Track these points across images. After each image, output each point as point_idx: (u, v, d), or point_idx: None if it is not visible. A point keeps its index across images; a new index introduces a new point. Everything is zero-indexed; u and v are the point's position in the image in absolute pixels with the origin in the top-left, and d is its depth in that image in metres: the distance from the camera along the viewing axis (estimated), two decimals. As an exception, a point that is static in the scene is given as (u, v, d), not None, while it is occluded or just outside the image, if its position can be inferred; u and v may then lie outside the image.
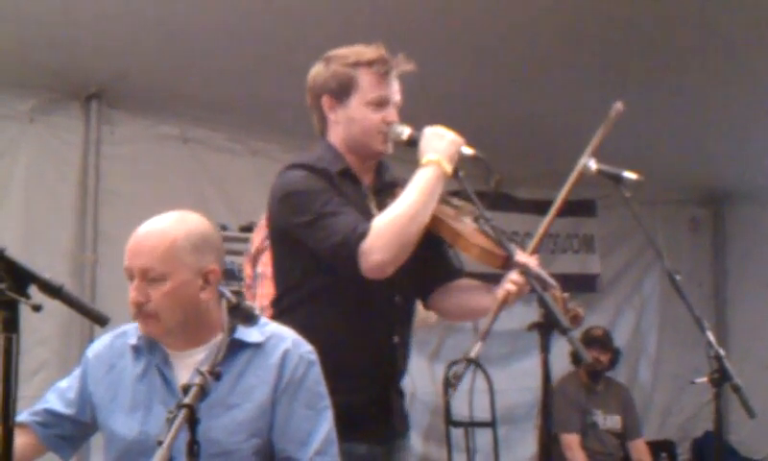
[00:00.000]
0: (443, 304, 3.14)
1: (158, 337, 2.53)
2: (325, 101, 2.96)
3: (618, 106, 3.12)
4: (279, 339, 2.52)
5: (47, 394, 2.72)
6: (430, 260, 3.00)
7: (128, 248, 2.48)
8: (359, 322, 2.88)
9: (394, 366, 3.03)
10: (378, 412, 2.93)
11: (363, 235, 2.72)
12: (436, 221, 2.84)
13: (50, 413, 2.66)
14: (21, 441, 2.52)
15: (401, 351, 3.04)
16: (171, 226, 2.48)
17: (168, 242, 2.44)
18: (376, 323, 2.93)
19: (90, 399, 2.63)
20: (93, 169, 5.46)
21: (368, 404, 2.83)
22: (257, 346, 2.50)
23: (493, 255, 2.85)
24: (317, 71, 2.99)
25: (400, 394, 3.08)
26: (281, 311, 2.90)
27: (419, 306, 3.16)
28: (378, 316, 2.94)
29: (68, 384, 2.70)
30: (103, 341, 2.68)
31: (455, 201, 2.99)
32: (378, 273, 2.74)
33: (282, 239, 2.96)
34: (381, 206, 2.86)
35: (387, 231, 2.72)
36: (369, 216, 2.83)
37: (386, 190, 2.95)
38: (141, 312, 2.46)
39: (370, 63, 2.91)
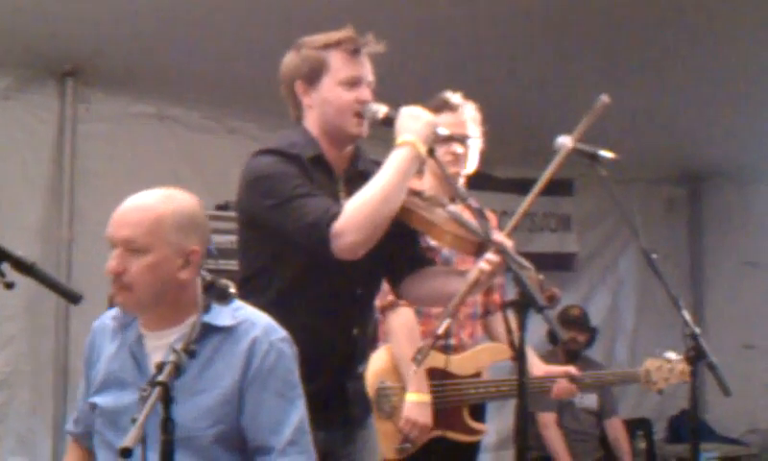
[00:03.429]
0: (414, 291, 3.14)
1: (131, 310, 2.53)
2: (299, 86, 2.96)
3: (604, 98, 3.13)
4: (250, 325, 2.51)
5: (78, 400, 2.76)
6: (400, 248, 3.00)
7: (113, 217, 2.48)
8: (321, 313, 2.89)
9: (351, 357, 3.06)
10: (335, 400, 2.95)
11: (335, 216, 2.71)
12: (407, 212, 2.82)
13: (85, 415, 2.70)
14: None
15: (360, 342, 3.07)
16: (159, 201, 2.49)
17: (154, 216, 2.45)
18: (338, 315, 2.95)
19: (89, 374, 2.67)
20: (68, 147, 5.44)
21: (324, 393, 2.81)
22: (227, 330, 2.48)
23: (467, 242, 2.84)
24: (289, 59, 3.00)
25: (358, 379, 3.10)
26: (245, 295, 2.87)
27: None
28: (340, 308, 2.95)
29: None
30: (101, 319, 2.70)
31: (425, 193, 2.99)
32: (350, 254, 2.72)
33: (251, 223, 2.95)
34: (350, 195, 2.82)
35: (359, 213, 2.71)
36: (337, 205, 2.81)
37: (357, 180, 2.91)
38: (116, 282, 2.45)
39: (339, 43, 2.91)
